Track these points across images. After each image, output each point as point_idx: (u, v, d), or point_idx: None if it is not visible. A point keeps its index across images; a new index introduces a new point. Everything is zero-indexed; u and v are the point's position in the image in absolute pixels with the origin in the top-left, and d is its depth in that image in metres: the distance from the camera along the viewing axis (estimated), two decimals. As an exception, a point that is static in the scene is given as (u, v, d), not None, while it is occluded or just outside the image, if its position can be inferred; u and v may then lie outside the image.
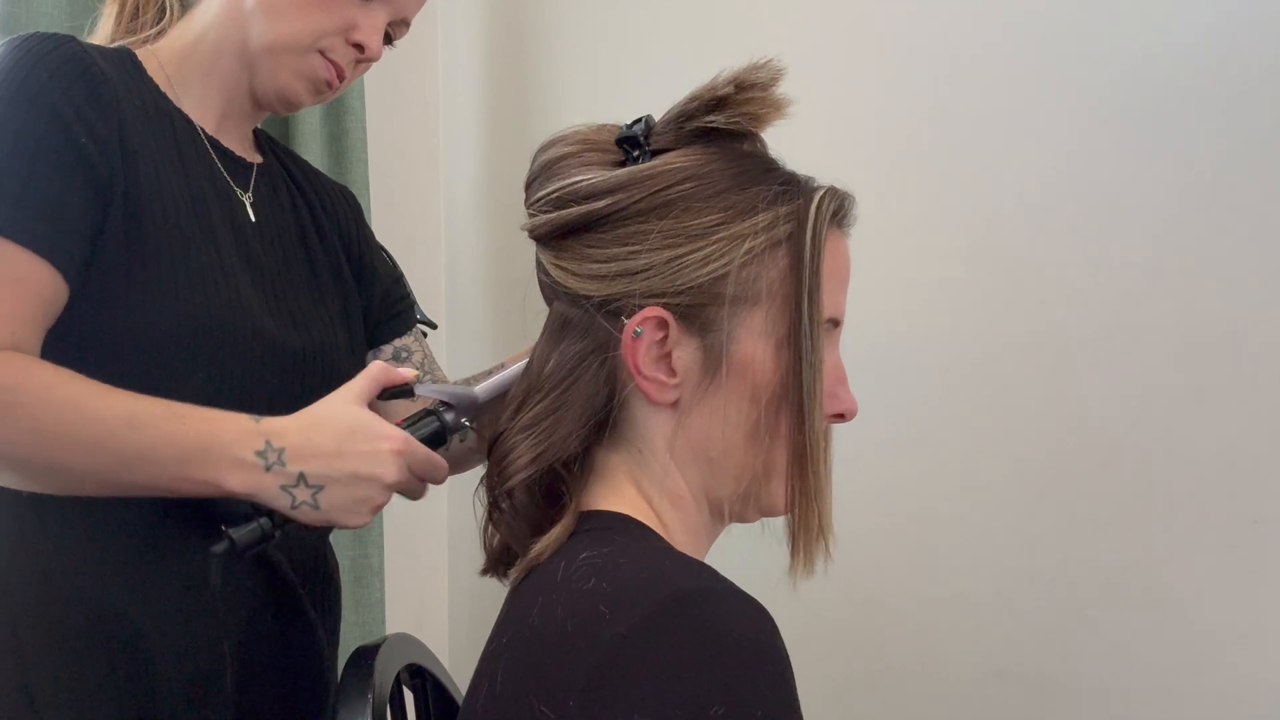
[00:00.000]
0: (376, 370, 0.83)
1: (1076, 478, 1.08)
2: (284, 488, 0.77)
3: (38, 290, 0.81)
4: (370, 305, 1.08)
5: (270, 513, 0.78)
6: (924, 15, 1.20)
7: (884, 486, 1.21)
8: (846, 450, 0.70)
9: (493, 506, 0.73)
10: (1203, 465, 0.99)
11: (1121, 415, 1.04)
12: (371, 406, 0.82)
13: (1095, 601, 1.06)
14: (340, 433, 0.78)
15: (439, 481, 0.84)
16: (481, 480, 0.75)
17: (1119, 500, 1.05)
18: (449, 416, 0.83)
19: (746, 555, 0.88)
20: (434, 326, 1.17)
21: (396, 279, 1.13)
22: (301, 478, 0.77)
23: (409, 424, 0.82)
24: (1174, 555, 1.01)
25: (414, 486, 0.83)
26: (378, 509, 0.80)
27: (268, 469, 0.77)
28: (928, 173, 1.20)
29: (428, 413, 0.83)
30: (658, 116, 0.73)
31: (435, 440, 0.83)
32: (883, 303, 1.17)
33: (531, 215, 0.73)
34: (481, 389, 0.85)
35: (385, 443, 0.79)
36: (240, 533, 0.76)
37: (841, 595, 1.24)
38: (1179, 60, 1.00)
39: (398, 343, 1.10)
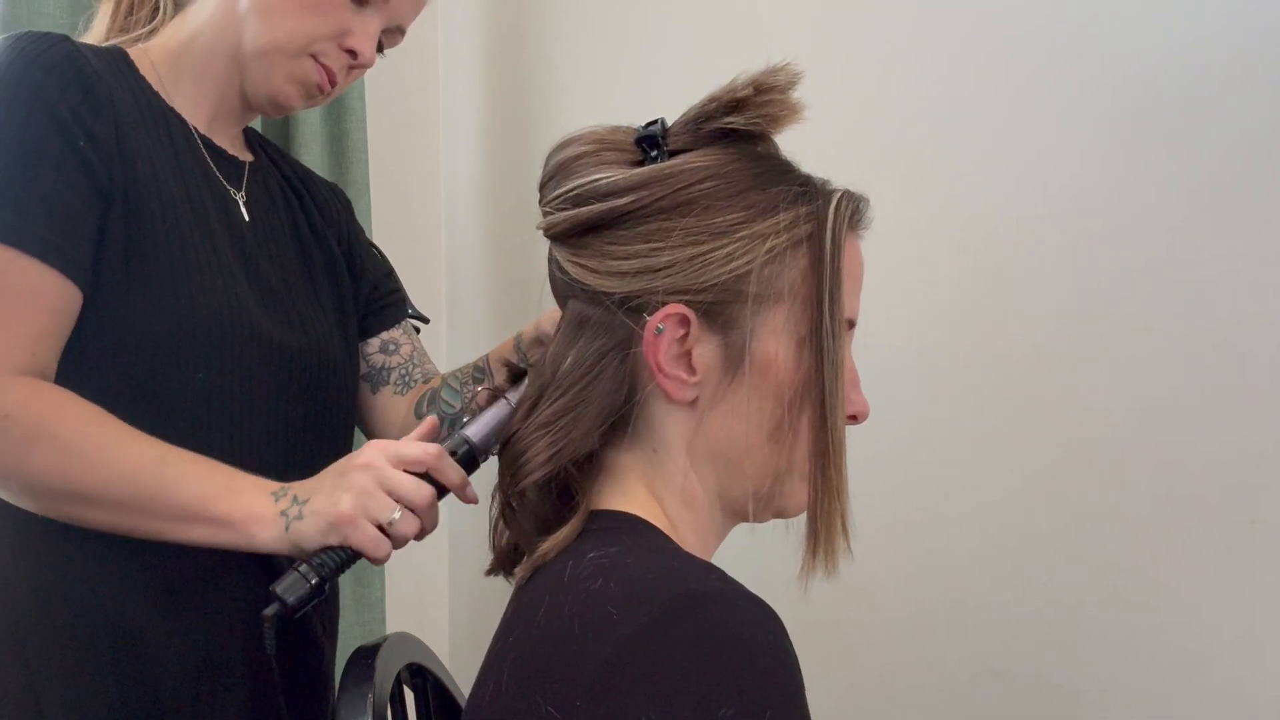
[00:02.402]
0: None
1: (1075, 479, 1.08)
2: (282, 512, 0.78)
3: (52, 303, 0.81)
4: (358, 299, 1.08)
5: (307, 560, 0.77)
6: (926, 18, 1.20)
7: (884, 487, 1.22)
8: (848, 451, 0.70)
9: (505, 505, 0.73)
10: (1201, 467, 0.99)
11: (1120, 417, 1.05)
12: None
13: (1094, 602, 1.06)
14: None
15: (430, 462, 0.79)
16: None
17: (1117, 501, 1.05)
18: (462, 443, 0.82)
19: (749, 556, 0.88)
20: (426, 321, 1.17)
21: (387, 273, 1.13)
22: (294, 499, 0.78)
23: None
24: (1172, 556, 1.01)
25: (399, 478, 0.78)
26: (357, 491, 0.76)
27: (275, 501, 0.78)
28: (928, 176, 1.20)
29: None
30: (660, 115, 0.73)
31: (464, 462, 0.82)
32: (881, 305, 1.17)
33: (547, 214, 0.73)
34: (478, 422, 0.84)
35: (367, 444, 0.80)
36: (286, 587, 0.76)
37: (842, 596, 1.24)
38: (1185, 62, 1.00)
39: (385, 335, 1.09)
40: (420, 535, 0.80)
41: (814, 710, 0.60)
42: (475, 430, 0.82)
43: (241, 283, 0.91)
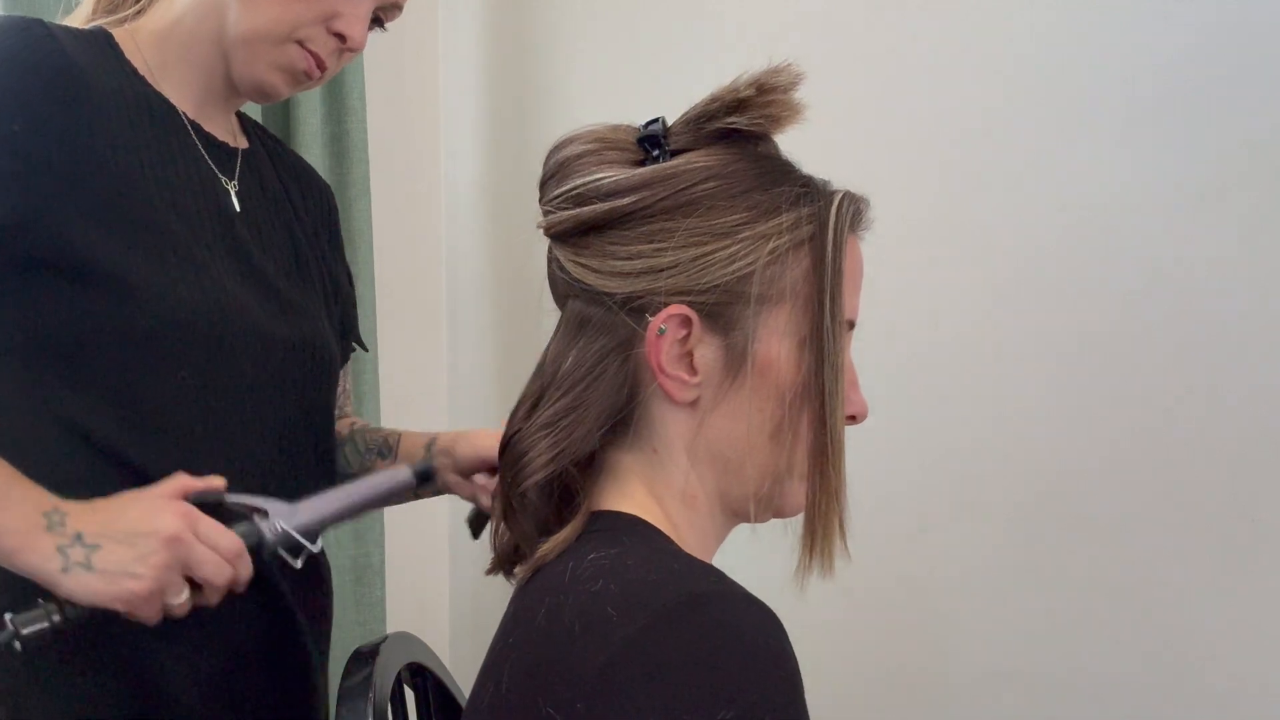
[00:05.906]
0: (179, 479, 0.81)
1: (1076, 477, 1.08)
2: (60, 548, 0.73)
3: None
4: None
5: (58, 600, 0.74)
6: (928, 17, 1.20)
7: (884, 486, 1.22)
8: (848, 450, 0.70)
9: (506, 506, 0.73)
10: (1203, 465, 0.99)
11: (1121, 415, 1.05)
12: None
13: (1095, 601, 1.07)
14: (125, 502, 0.77)
15: (231, 557, 0.78)
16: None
17: (1119, 500, 1.05)
18: (264, 524, 0.82)
19: (748, 556, 0.88)
20: (365, 350, 1.17)
21: (352, 303, 1.11)
22: (78, 537, 0.74)
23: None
24: (1173, 555, 1.01)
25: (202, 557, 0.77)
26: (161, 569, 0.74)
27: (49, 528, 0.74)
28: (929, 177, 1.20)
29: (241, 517, 0.82)
30: (662, 114, 0.73)
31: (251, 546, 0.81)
32: (882, 307, 1.17)
33: (547, 213, 0.73)
34: (305, 505, 0.84)
35: (166, 501, 0.77)
36: (22, 619, 0.73)
37: (842, 595, 1.24)
38: (1185, 61, 1.00)
39: None
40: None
41: (815, 711, 0.60)
42: (269, 529, 0.83)
43: (232, 277, 0.89)
